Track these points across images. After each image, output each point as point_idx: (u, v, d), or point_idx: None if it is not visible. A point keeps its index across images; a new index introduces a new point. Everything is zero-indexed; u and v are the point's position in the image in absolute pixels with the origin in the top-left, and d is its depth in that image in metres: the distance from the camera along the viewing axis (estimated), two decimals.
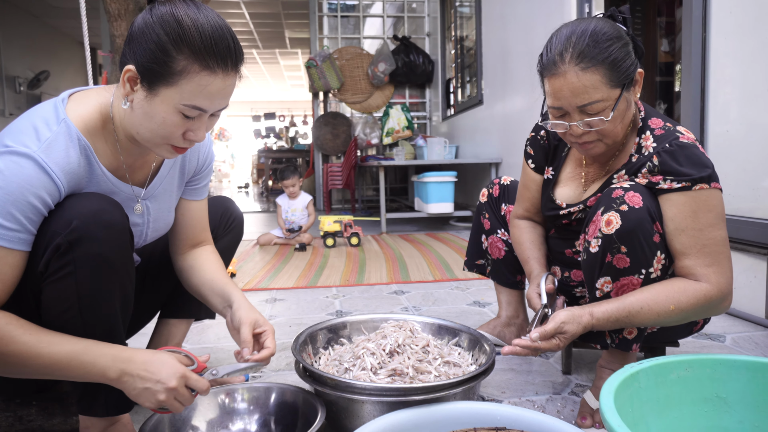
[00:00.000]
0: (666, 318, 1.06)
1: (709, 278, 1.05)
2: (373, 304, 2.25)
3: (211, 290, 1.17)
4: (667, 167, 1.08)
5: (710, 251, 1.05)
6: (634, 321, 1.07)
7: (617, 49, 1.07)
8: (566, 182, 1.33)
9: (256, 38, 11.23)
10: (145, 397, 0.90)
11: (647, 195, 1.09)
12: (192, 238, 1.24)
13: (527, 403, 1.29)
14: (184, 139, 0.96)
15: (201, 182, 1.23)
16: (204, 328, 1.97)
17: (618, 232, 1.07)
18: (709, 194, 1.06)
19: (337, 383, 1.07)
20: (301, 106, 17.38)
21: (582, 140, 1.13)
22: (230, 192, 13.00)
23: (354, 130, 6.60)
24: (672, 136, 1.11)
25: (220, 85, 0.91)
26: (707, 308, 1.07)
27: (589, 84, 1.05)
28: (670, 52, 4.41)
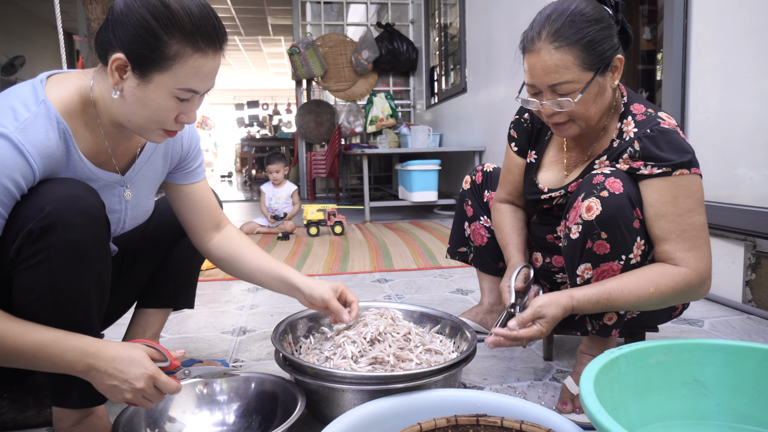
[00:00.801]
0: (646, 302, 1.06)
1: (688, 263, 1.05)
2: (356, 292, 2.23)
3: (266, 275, 1.20)
4: (647, 152, 1.07)
5: (690, 236, 1.05)
6: (614, 304, 1.07)
7: (595, 31, 1.05)
8: (549, 166, 1.33)
9: (239, 25, 11.05)
10: (112, 393, 0.88)
11: (627, 181, 1.08)
12: (210, 220, 1.23)
13: (508, 389, 1.29)
14: (177, 122, 0.95)
15: (194, 164, 1.21)
16: (184, 317, 1.94)
17: (598, 218, 1.06)
18: (689, 180, 1.06)
19: (317, 372, 1.06)
20: (285, 95, 17.21)
21: (553, 120, 1.14)
22: (213, 181, 12.86)
23: (338, 119, 6.54)
24: (653, 121, 1.10)
25: (212, 65, 0.91)
26: (686, 292, 1.07)
27: (560, 63, 1.05)
28: (652, 40, 4.43)
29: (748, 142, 1.85)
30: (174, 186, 1.20)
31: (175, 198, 1.21)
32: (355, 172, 7.24)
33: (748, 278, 1.86)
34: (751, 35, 1.83)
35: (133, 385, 0.87)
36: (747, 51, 1.85)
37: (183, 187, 1.20)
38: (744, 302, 1.88)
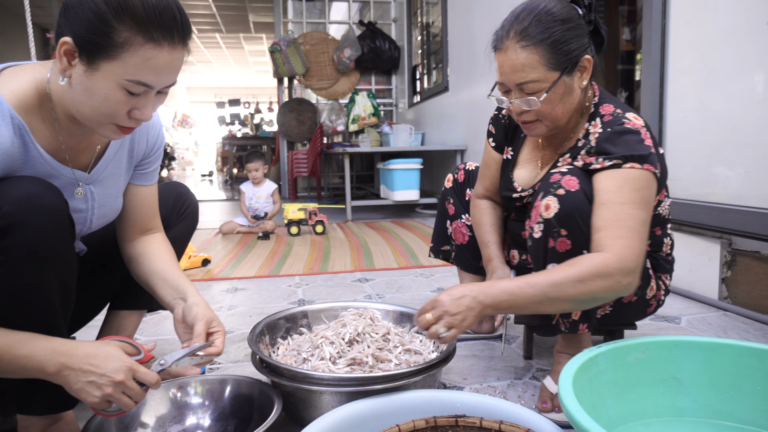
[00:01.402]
0: (562, 282, 0.98)
1: (613, 248, 0.99)
2: (336, 292, 2.22)
3: (162, 280, 1.11)
4: (600, 148, 1.08)
5: (624, 225, 1.01)
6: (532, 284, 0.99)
7: (561, 31, 1.06)
8: (524, 164, 1.33)
9: (219, 22, 10.93)
10: (89, 391, 0.83)
11: (583, 178, 1.09)
12: (141, 224, 1.18)
13: (488, 389, 1.29)
14: (130, 117, 0.90)
15: (150, 166, 1.18)
16: (160, 319, 1.90)
17: (556, 216, 1.06)
18: (639, 174, 1.04)
19: (294, 374, 1.04)
20: (267, 93, 17.08)
21: (521, 119, 1.15)
22: (194, 180, 12.72)
23: (319, 117, 6.51)
24: (618, 121, 1.10)
25: (166, 59, 0.86)
26: (605, 276, 0.98)
27: (526, 62, 1.06)
28: (631, 40, 4.48)
29: (724, 141, 1.87)
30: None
31: None
32: (337, 171, 7.21)
33: (724, 275, 1.89)
34: (728, 35, 1.85)
35: (112, 378, 0.83)
36: (723, 51, 1.87)
37: (131, 187, 1.16)
38: (720, 299, 1.90)
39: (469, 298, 0.99)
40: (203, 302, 1.06)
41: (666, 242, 1.27)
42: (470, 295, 0.99)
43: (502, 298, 0.99)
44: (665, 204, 1.24)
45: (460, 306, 0.99)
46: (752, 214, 1.72)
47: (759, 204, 1.74)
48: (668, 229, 1.28)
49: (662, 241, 1.27)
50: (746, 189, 1.79)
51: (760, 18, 1.71)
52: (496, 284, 1.01)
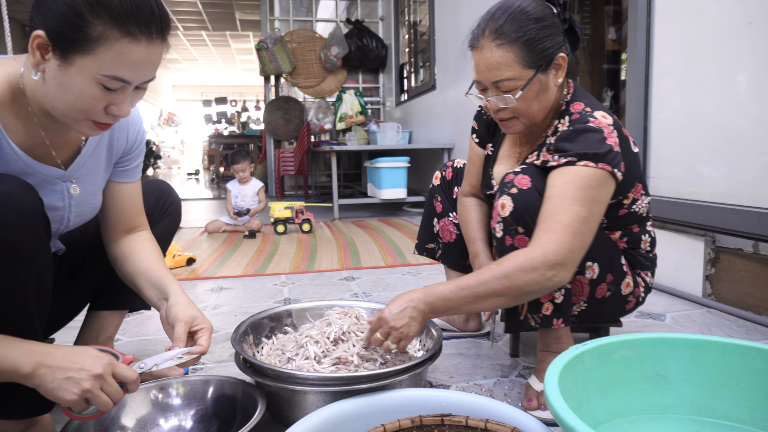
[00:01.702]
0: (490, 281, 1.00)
1: (540, 242, 1.00)
2: (322, 291, 2.20)
3: (146, 280, 1.10)
4: (558, 145, 1.09)
5: (558, 219, 1.01)
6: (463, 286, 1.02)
7: (536, 29, 1.07)
8: (503, 160, 1.35)
9: (206, 19, 10.84)
10: (66, 388, 0.80)
11: (536, 175, 1.10)
12: (125, 223, 1.16)
13: (475, 387, 1.28)
14: (107, 114, 0.88)
15: (132, 163, 1.15)
16: (144, 319, 1.87)
17: (512, 214, 1.09)
18: (590, 173, 1.04)
19: (278, 374, 1.02)
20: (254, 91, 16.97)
21: (498, 116, 1.17)
22: (180, 179, 12.59)
23: (306, 115, 6.47)
24: (583, 119, 1.10)
25: (143, 53, 0.84)
26: (528, 269, 0.99)
27: (501, 60, 1.08)
28: (617, 40, 4.51)
29: (708, 139, 1.89)
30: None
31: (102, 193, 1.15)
32: (325, 169, 7.18)
33: (707, 273, 1.90)
34: (712, 35, 1.86)
35: (90, 371, 0.80)
36: (707, 51, 1.88)
37: (111, 184, 1.14)
38: (704, 296, 1.92)
39: (410, 309, 1.04)
40: (185, 301, 1.04)
41: (645, 239, 1.28)
42: (411, 306, 1.04)
43: (438, 304, 1.04)
44: (642, 202, 1.24)
45: (403, 318, 1.04)
46: (736, 212, 1.74)
47: (742, 202, 1.75)
48: (648, 227, 1.29)
49: (640, 238, 1.27)
50: (730, 187, 1.81)
51: (743, 18, 1.73)
52: (433, 290, 1.05)
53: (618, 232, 1.27)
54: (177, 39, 12.92)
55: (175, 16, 10.60)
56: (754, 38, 1.70)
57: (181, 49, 14.19)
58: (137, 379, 0.87)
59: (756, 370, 1.01)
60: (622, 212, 1.23)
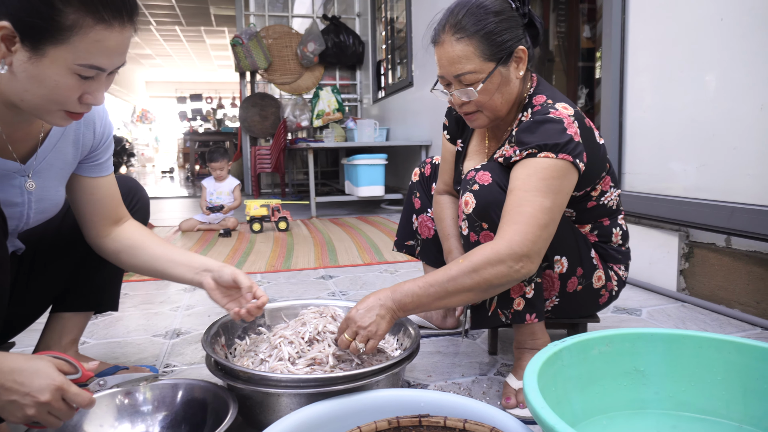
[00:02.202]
0: (458, 275, 1.00)
1: (504, 234, 1.00)
2: (299, 289, 2.17)
3: (171, 263, 1.11)
4: (518, 138, 1.09)
5: (522, 211, 1.01)
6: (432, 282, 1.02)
7: (494, 22, 1.09)
8: (472, 156, 1.35)
9: (179, 14, 10.64)
10: (10, 411, 0.76)
11: (497, 170, 1.11)
12: (110, 216, 1.14)
13: (453, 385, 1.27)
14: (81, 103, 0.85)
15: (102, 157, 1.12)
16: (112, 320, 1.81)
17: (475, 211, 1.10)
18: (551, 164, 1.04)
19: (250, 376, 0.99)
20: (230, 88, 16.76)
21: (463, 110, 1.18)
22: (154, 177, 12.36)
23: (283, 112, 6.40)
24: (544, 111, 1.10)
25: (117, 39, 0.81)
26: (494, 262, 0.98)
27: (461, 54, 1.10)
28: (591, 38, 4.55)
29: (682, 135, 1.90)
30: (78, 178, 1.10)
31: (77, 191, 1.11)
32: (302, 167, 7.11)
33: (681, 267, 1.92)
34: (685, 32, 1.87)
35: (36, 398, 0.76)
36: (681, 47, 1.90)
37: (88, 180, 1.10)
38: (678, 291, 1.93)
39: (378, 307, 1.03)
40: (226, 265, 1.10)
41: (616, 232, 1.28)
42: (378, 304, 1.03)
43: (407, 301, 1.03)
44: (612, 194, 1.24)
45: (370, 318, 1.02)
46: (708, 207, 1.75)
47: (715, 197, 1.77)
48: (619, 220, 1.29)
49: (611, 231, 1.27)
50: (703, 182, 1.82)
51: (715, 14, 1.74)
52: (401, 288, 1.04)
53: (588, 226, 1.27)
54: (150, 34, 12.67)
55: (148, 11, 10.38)
56: (725, 34, 1.71)
57: (154, 45, 13.92)
58: (91, 402, 0.81)
59: (731, 363, 1.01)
60: (590, 204, 1.23)
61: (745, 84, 1.65)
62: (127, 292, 2.19)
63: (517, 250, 0.99)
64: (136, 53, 14.74)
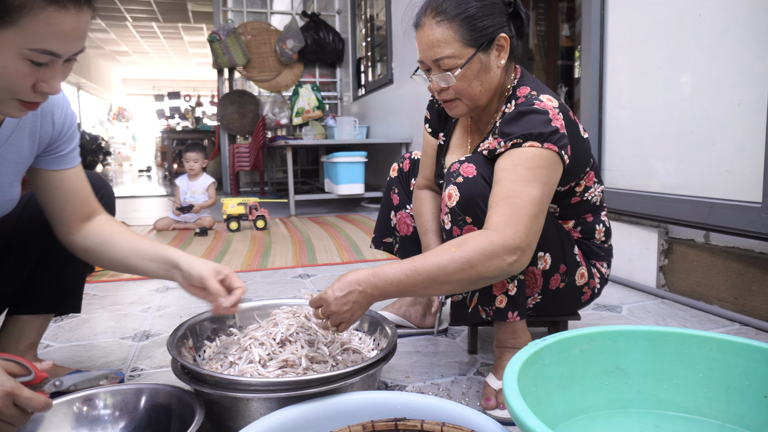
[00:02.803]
0: (449, 266, 0.94)
1: (497, 225, 0.96)
2: (275, 289, 2.11)
3: (141, 258, 1.06)
4: (504, 129, 1.06)
5: (513, 203, 0.98)
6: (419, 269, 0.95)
7: (476, 7, 1.06)
8: (454, 149, 1.32)
9: (155, 10, 10.44)
10: None
11: (482, 163, 1.08)
12: (80, 210, 1.07)
13: (432, 386, 1.23)
14: (35, 91, 0.79)
15: (65, 148, 1.05)
16: (79, 322, 1.74)
17: (458, 204, 1.06)
18: (537, 153, 1.01)
19: (217, 380, 0.94)
20: (209, 86, 16.54)
21: (441, 97, 1.15)
22: (131, 176, 12.13)
23: (262, 110, 6.31)
24: (529, 102, 1.08)
25: (73, 23, 0.75)
26: (490, 255, 0.94)
27: (441, 38, 1.07)
28: (570, 36, 4.57)
29: (660, 132, 1.90)
30: (41, 172, 1.03)
31: (42, 186, 1.04)
32: (281, 165, 7.03)
33: (661, 264, 1.92)
34: (664, 28, 1.87)
35: None
36: (660, 43, 1.89)
37: (52, 174, 1.04)
38: (658, 287, 1.93)
39: (357, 293, 0.97)
40: (196, 260, 1.02)
41: (599, 229, 1.26)
42: (357, 290, 0.97)
43: (390, 289, 0.97)
44: (595, 190, 1.22)
45: (346, 303, 0.97)
46: (687, 203, 1.75)
47: (693, 193, 1.77)
48: (602, 216, 1.27)
49: (594, 227, 1.25)
50: (681, 178, 1.82)
51: (694, 10, 1.74)
52: (383, 273, 0.97)
53: (571, 222, 1.24)
54: (126, 30, 12.43)
55: (123, 6, 10.17)
56: (704, 31, 1.71)
57: (130, 41, 13.66)
58: (47, 404, 0.76)
59: (713, 360, 0.99)
60: (574, 200, 1.20)
61: (723, 80, 1.65)
62: (96, 293, 2.11)
63: (511, 243, 0.95)
64: (112, 50, 14.46)
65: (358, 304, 0.98)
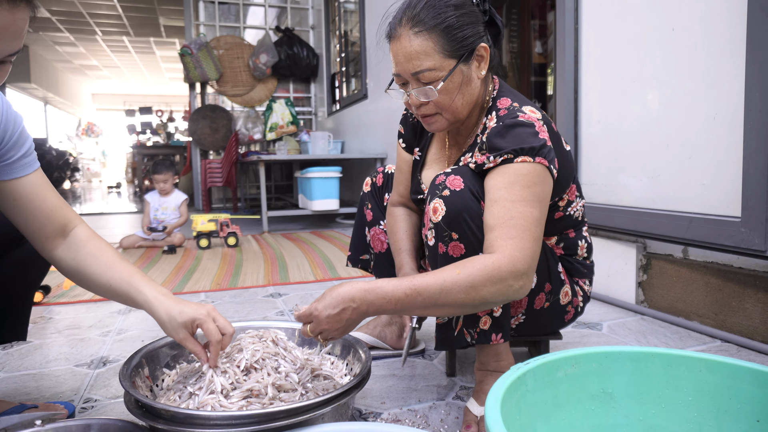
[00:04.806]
0: (453, 287, 0.89)
1: (503, 249, 0.92)
2: (245, 309, 2.02)
3: (116, 296, 0.98)
4: (492, 144, 1.01)
5: (516, 224, 0.94)
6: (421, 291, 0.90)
7: (455, 16, 1.00)
8: (431, 164, 1.26)
9: (126, 24, 10.29)
10: None
11: (470, 176, 1.02)
12: (49, 223, 0.97)
13: (409, 413, 1.16)
14: None
15: (14, 155, 0.94)
16: (30, 349, 1.62)
17: (444, 219, 1.00)
18: (531, 169, 0.97)
19: (173, 415, 0.85)
20: (182, 101, 16.34)
21: (420, 112, 1.08)
22: (101, 192, 11.82)
23: (235, 125, 6.21)
24: (512, 114, 1.03)
25: (6, 19, 0.69)
26: (497, 280, 0.90)
27: (420, 49, 1.00)
28: (543, 53, 4.62)
29: (636, 146, 1.88)
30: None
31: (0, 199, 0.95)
32: (255, 181, 6.91)
33: (640, 279, 1.89)
34: (637, 42, 1.86)
35: None
36: (633, 58, 1.89)
37: (5, 185, 0.94)
38: (637, 303, 1.90)
39: (350, 311, 0.91)
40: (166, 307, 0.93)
41: (581, 245, 1.21)
42: (351, 307, 0.91)
43: (387, 307, 0.91)
44: (577, 204, 1.18)
45: (339, 321, 0.91)
46: (665, 217, 1.73)
47: (670, 207, 1.75)
48: (584, 232, 1.23)
49: (576, 243, 1.21)
50: (658, 193, 1.80)
51: (666, 24, 1.73)
52: (380, 289, 0.91)
53: (554, 238, 1.20)
54: (95, 44, 12.21)
55: (93, 20, 9.99)
56: (676, 44, 1.71)
57: (100, 55, 13.42)
58: None
59: (702, 382, 0.95)
60: (557, 215, 1.16)
61: (698, 94, 1.64)
62: (51, 316, 1.99)
63: (519, 268, 0.91)
64: (81, 64, 14.18)
65: (351, 320, 0.92)
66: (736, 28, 1.50)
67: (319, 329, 0.92)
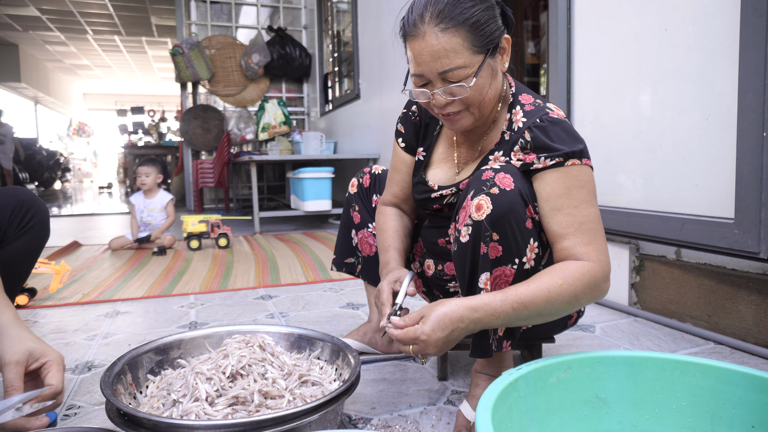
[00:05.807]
0: (557, 298, 0.91)
1: (590, 256, 0.94)
2: (234, 312, 1.99)
3: None
4: (539, 143, 0.99)
5: (587, 229, 0.96)
6: (527, 305, 0.91)
7: (480, 11, 0.97)
8: (438, 164, 1.21)
9: (118, 23, 10.21)
10: None
11: (519, 176, 0.98)
12: None
13: (399, 418, 1.14)
14: None
15: None
16: None
17: (489, 218, 0.95)
18: (581, 170, 0.98)
19: (155, 424, 0.83)
20: (174, 101, 16.27)
21: (446, 111, 1.03)
22: (92, 193, 11.72)
23: (227, 125, 6.16)
24: (542, 111, 1.02)
25: None
26: (593, 287, 0.94)
27: (449, 47, 0.95)
28: (536, 54, 4.62)
29: (630, 147, 1.87)
30: None
31: None
32: (247, 181, 6.87)
33: (633, 281, 1.88)
34: (631, 42, 1.85)
35: None
36: (627, 58, 1.88)
37: None
38: (630, 304, 1.89)
39: (459, 331, 0.90)
40: (14, 335, 0.87)
41: None
42: (460, 327, 0.90)
43: (495, 323, 0.92)
44: None
45: (447, 343, 0.91)
46: (659, 218, 1.72)
47: (663, 208, 1.74)
48: None
49: None
50: (651, 194, 1.79)
51: (659, 25, 1.72)
52: (488, 306, 0.91)
53: None
54: (86, 44, 12.11)
55: (84, 19, 9.91)
56: (669, 45, 1.70)
57: (91, 55, 13.32)
58: None
59: (697, 387, 0.94)
60: None
61: (691, 95, 1.63)
62: (37, 320, 1.95)
63: (607, 270, 0.96)
64: (72, 63, 14.06)
65: (455, 339, 0.92)
66: (729, 29, 1.49)
67: (425, 350, 0.91)
